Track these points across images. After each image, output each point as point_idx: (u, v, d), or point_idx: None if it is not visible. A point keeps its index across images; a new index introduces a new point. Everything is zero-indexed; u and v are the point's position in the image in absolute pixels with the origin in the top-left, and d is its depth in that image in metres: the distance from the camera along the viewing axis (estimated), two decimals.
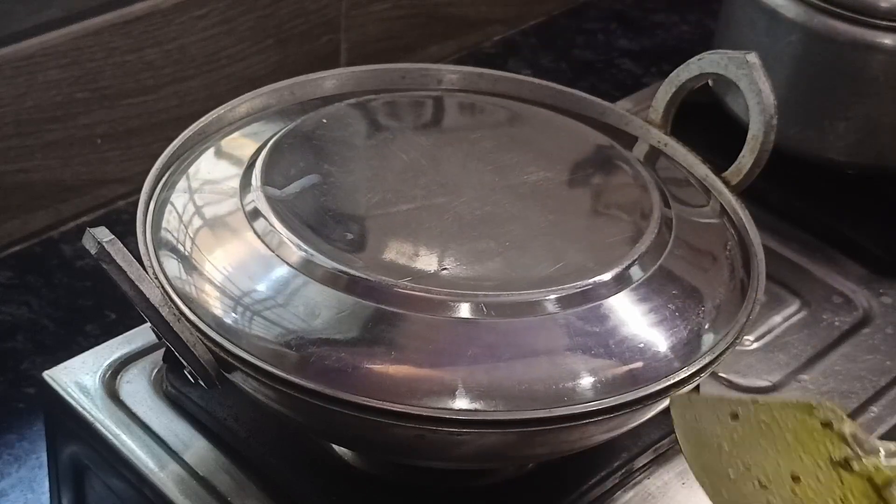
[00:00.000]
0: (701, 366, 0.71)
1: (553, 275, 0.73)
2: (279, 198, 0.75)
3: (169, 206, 0.76)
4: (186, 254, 0.74)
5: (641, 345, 0.71)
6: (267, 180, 0.76)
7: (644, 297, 0.73)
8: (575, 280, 0.72)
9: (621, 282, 0.73)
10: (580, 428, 0.68)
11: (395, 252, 0.73)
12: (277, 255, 0.71)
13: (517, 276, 0.72)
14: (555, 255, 0.74)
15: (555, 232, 0.76)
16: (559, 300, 0.71)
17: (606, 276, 0.72)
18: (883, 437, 0.83)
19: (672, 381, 0.69)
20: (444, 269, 0.73)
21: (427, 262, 0.73)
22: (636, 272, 0.73)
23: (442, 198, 0.77)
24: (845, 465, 0.67)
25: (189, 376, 0.69)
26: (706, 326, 0.74)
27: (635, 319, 0.72)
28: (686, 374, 0.70)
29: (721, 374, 0.86)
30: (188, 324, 0.68)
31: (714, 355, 0.72)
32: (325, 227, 0.74)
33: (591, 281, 0.72)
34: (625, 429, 0.71)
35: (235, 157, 0.80)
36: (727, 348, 0.72)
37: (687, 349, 0.73)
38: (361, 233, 0.76)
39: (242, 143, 0.82)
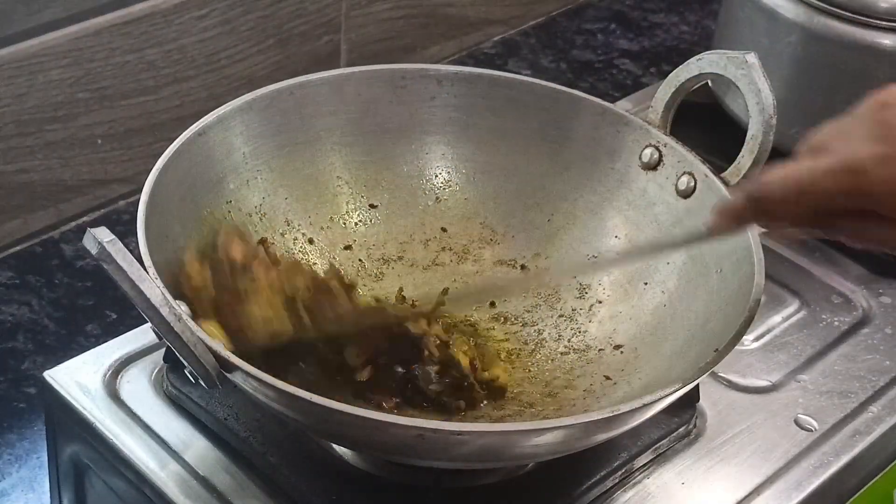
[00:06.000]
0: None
1: None
2: None
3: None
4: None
5: None
6: None
7: None
8: None
9: None
10: (580, 427, 0.68)
11: None
12: None
13: None
14: None
15: None
16: None
17: None
18: (882, 437, 0.83)
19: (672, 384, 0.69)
20: None
21: None
22: None
23: None
24: None
25: (190, 376, 0.69)
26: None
27: None
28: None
29: (721, 374, 0.86)
30: (189, 323, 0.68)
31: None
32: None
33: None
34: (624, 429, 0.71)
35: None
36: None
37: None
38: None
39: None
